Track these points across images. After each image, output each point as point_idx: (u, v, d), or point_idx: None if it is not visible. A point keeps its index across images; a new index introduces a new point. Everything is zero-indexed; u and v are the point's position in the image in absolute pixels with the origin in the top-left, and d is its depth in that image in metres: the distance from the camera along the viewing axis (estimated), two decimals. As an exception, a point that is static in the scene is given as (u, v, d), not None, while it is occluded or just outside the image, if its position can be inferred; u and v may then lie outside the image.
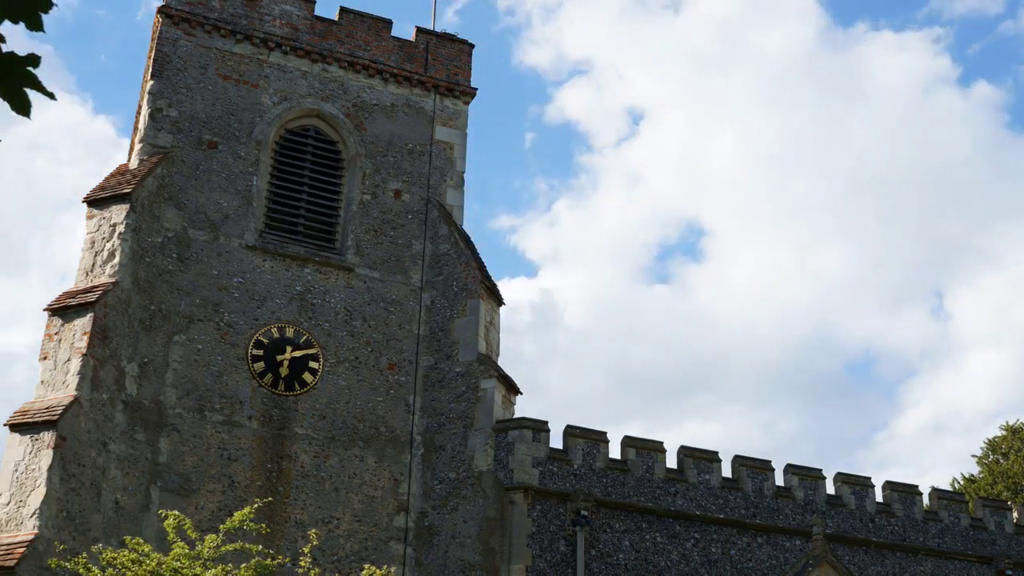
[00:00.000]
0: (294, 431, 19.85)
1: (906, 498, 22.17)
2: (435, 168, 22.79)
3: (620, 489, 19.72)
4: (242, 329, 20.13)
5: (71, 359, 17.71)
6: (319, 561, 17.67)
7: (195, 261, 20.27)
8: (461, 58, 23.92)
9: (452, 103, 23.52)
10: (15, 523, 16.24)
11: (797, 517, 20.86)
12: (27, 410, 17.30)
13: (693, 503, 20.19)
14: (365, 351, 20.84)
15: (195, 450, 19.03)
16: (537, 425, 19.61)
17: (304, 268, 21.06)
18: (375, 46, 23.25)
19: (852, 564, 20.74)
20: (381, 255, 21.72)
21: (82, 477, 17.10)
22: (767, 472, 21.07)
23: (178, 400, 19.21)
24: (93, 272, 18.99)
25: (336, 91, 22.71)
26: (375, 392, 20.62)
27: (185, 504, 18.23)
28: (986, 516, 22.83)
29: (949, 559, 21.89)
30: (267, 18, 22.55)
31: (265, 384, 19.93)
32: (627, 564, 19.22)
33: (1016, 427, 37.02)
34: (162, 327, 19.48)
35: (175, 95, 21.33)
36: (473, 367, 20.30)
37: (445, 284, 21.55)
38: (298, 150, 22.27)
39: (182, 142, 21.03)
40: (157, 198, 20.21)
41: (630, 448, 20.21)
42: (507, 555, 18.65)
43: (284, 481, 19.44)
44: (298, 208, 21.87)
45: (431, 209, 22.31)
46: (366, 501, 19.78)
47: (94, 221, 19.55)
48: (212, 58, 21.91)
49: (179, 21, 21.84)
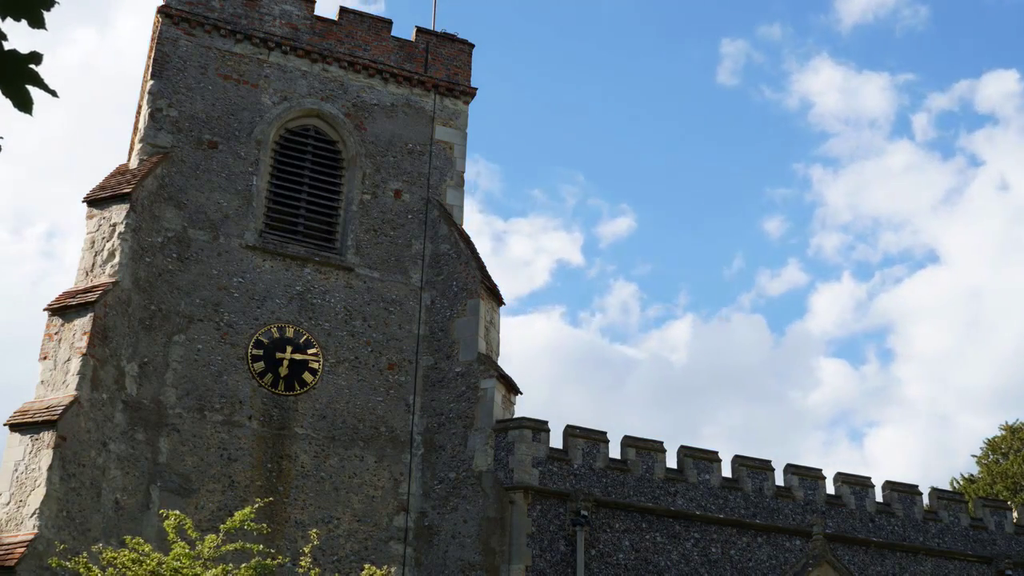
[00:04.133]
0: (294, 431, 19.84)
1: (906, 498, 22.16)
2: (435, 168, 22.79)
3: (620, 489, 19.71)
4: (242, 329, 20.12)
5: (71, 359, 17.70)
6: (319, 561, 17.66)
7: (195, 261, 20.25)
8: (461, 58, 23.93)
9: (452, 103, 23.52)
10: (15, 523, 16.24)
11: (797, 517, 20.85)
12: (27, 410, 17.29)
13: (693, 503, 20.18)
14: (365, 351, 20.83)
15: (195, 450, 19.03)
16: (537, 425, 19.61)
17: (304, 268, 21.05)
18: (375, 46, 23.25)
19: (852, 564, 20.73)
20: (381, 255, 21.71)
21: (82, 477, 17.10)
22: (767, 472, 21.06)
23: (178, 400, 19.20)
24: (93, 272, 18.98)
25: (336, 91, 22.70)
26: (375, 392, 20.61)
27: (185, 504, 18.22)
28: (986, 516, 22.82)
29: (949, 559, 21.88)
30: (267, 18, 22.54)
31: (265, 384, 19.93)
32: (627, 564, 19.21)
33: (1015, 427, 36.99)
34: (162, 327, 19.47)
35: (175, 95, 21.32)
36: (473, 367, 20.30)
37: (445, 284, 21.55)
38: (298, 150, 22.26)
39: (182, 142, 21.02)
40: (157, 198, 20.20)
41: (630, 448, 20.20)
42: (507, 555, 18.64)
43: (284, 481, 19.43)
44: (298, 208, 21.86)
45: (431, 209, 22.31)
46: (366, 501, 19.77)
47: (94, 221, 19.54)
48: (212, 58, 21.90)
49: (179, 21, 21.83)
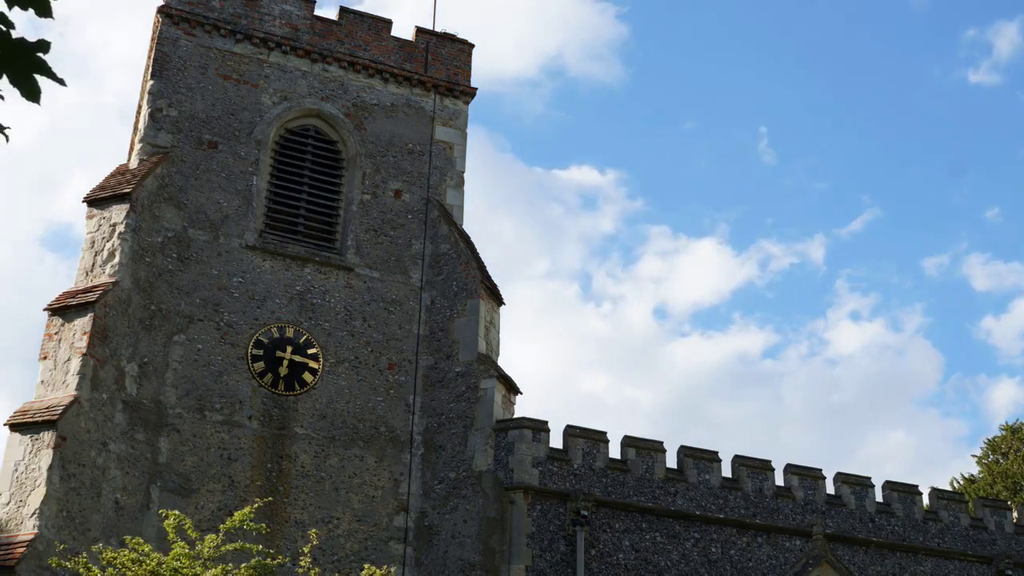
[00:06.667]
0: (294, 431, 19.83)
1: (906, 498, 22.15)
2: (435, 168, 22.78)
3: (620, 489, 19.70)
4: (242, 329, 20.11)
5: (71, 359, 17.69)
6: (319, 561, 17.64)
7: (195, 261, 20.24)
8: (461, 58, 23.93)
9: (452, 103, 23.52)
10: (15, 523, 16.22)
11: (797, 517, 20.84)
12: (27, 410, 17.27)
13: (693, 503, 20.17)
14: (365, 351, 20.82)
15: (195, 450, 19.01)
16: (537, 425, 19.59)
17: (304, 268, 21.04)
18: (375, 46, 23.25)
19: (852, 564, 20.73)
20: (381, 255, 21.70)
21: (82, 477, 17.08)
22: (767, 472, 21.05)
23: (178, 400, 19.19)
24: (93, 272, 18.97)
25: (336, 91, 22.69)
26: (375, 392, 20.60)
27: (185, 504, 18.21)
28: (986, 516, 22.81)
29: (949, 559, 21.87)
30: (267, 18, 22.54)
31: (265, 384, 19.91)
32: (627, 564, 19.20)
33: (1016, 427, 37.00)
34: (162, 327, 19.45)
35: (175, 95, 21.31)
36: (473, 367, 20.28)
37: (445, 284, 21.54)
38: (298, 150, 22.25)
39: (182, 142, 21.01)
40: (157, 198, 20.19)
41: (630, 448, 20.19)
42: (507, 555, 18.62)
43: (284, 481, 19.41)
44: (298, 208, 21.85)
45: (431, 209, 22.30)
46: (366, 501, 19.75)
47: (94, 221, 19.53)
48: (212, 58, 21.89)
49: (179, 21, 21.82)
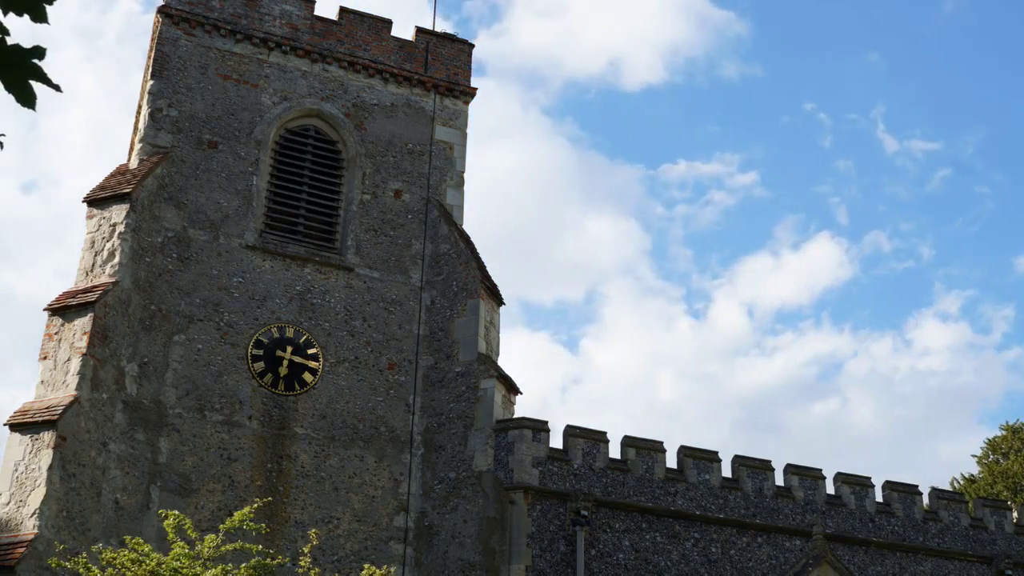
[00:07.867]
0: (294, 431, 19.83)
1: (906, 498, 22.14)
2: (435, 168, 22.78)
3: (620, 489, 19.70)
4: (242, 329, 20.11)
5: (71, 359, 17.69)
6: (319, 561, 17.65)
7: (195, 261, 20.25)
8: (461, 58, 23.92)
9: (452, 103, 23.52)
10: (15, 523, 16.23)
11: (797, 517, 20.84)
12: (27, 410, 17.28)
13: (693, 503, 20.17)
14: (365, 351, 20.82)
15: (195, 450, 19.02)
16: (537, 425, 19.59)
17: (304, 268, 21.05)
18: (375, 46, 23.25)
19: (852, 564, 20.72)
20: (381, 255, 21.70)
21: (82, 477, 17.09)
22: (767, 472, 21.04)
23: (178, 400, 19.20)
24: (93, 272, 18.98)
25: (336, 91, 22.70)
26: (375, 392, 20.61)
27: (185, 504, 18.22)
28: (986, 516, 22.80)
29: (949, 559, 21.86)
30: (267, 18, 22.54)
31: (265, 384, 19.92)
32: (627, 564, 19.20)
33: (1016, 427, 36.98)
34: (162, 327, 19.46)
35: (175, 95, 21.32)
36: (473, 367, 20.28)
37: (445, 284, 21.54)
38: (298, 150, 22.26)
39: (182, 142, 21.02)
40: (157, 198, 20.19)
41: (630, 448, 20.19)
42: (507, 555, 18.62)
43: (284, 481, 19.42)
44: (298, 208, 21.85)
45: (431, 209, 22.30)
46: (366, 501, 19.76)
47: (94, 221, 19.53)
48: (212, 58, 21.89)
49: (179, 21, 21.82)
